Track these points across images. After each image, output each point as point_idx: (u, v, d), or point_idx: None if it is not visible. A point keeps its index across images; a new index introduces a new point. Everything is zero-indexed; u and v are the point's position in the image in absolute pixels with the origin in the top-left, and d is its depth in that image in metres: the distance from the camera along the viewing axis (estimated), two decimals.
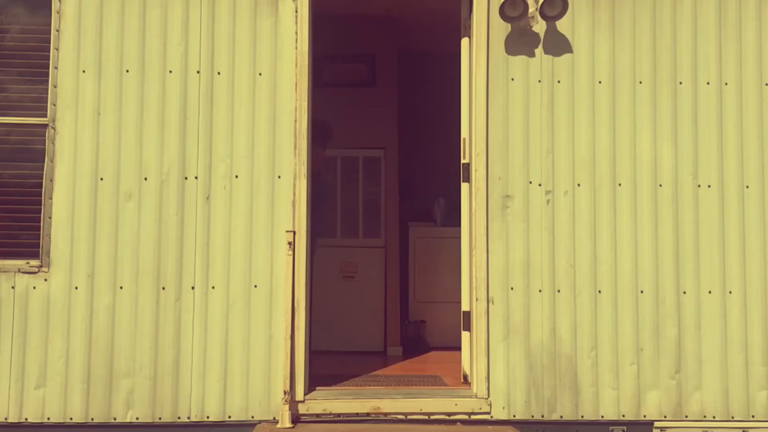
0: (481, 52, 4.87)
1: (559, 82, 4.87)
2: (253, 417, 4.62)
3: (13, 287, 4.63)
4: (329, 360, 5.87)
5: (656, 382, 4.77)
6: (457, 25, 5.15)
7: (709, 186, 4.88)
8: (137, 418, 4.60)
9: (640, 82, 4.90)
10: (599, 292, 4.80)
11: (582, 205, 4.83)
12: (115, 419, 4.60)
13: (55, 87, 4.72)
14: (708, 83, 4.93)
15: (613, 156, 4.86)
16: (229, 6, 4.80)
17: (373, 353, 6.76)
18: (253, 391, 4.63)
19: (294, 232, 4.68)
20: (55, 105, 4.71)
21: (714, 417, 4.77)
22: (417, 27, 7.07)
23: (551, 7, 4.75)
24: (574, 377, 4.74)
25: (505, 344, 4.74)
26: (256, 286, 4.68)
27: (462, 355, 5.03)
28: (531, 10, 4.77)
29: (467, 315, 4.95)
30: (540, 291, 4.78)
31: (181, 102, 4.75)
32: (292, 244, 4.65)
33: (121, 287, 4.65)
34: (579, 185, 4.83)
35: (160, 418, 4.61)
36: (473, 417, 4.70)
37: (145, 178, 4.70)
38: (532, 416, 4.71)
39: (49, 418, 4.57)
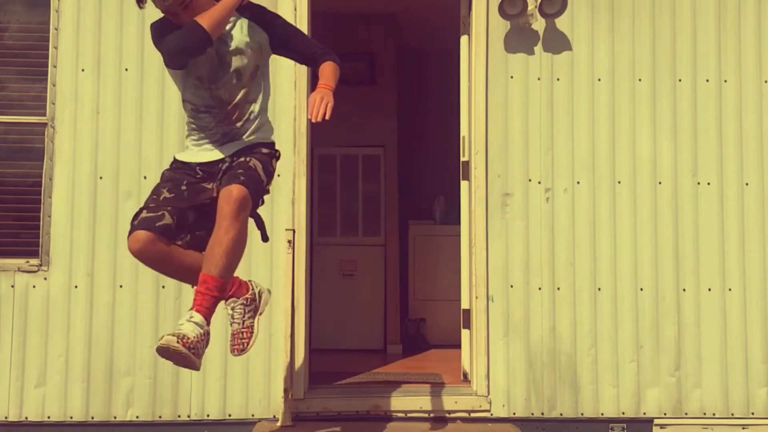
0: (480, 49, 4.86)
1: (558, 79, 4.87)
2: (253, 415, 4.62)
3: (12, 286, 4.62)
4: (329, 358, 5.88)
5: (656, 379, 4.77)
6: (456, 23, 5.14)
7: (708, 183, 4.88)
8: (137, 417, 4.60)
9: (640, 80, 4.90)
10: (599, 289, 4.79)
11: (582, 202, 4.82)
12: (115, 418, 4.60)
13: (54, 86, 4.72)
14: (707, 80, 4.92)
15: (613, 153, 4.86)
16: None
17: (373, 351, 6.76)
18: (253, 389, 4.64)
19: (293, 231, 4.67)
20: (54, 104, 4.71)
21: (714, 414, 4.77)
22: (416, 25, 7.06)
23: (550, 5, 4.74)
24: (574, 375, 4.74)
25: (504, 342, 4.74)
26: None
27: (462, 353, 5.02)
28: (530, 7, 4.76)
29: (467, 313, 4.94)
30: (540, 289, 4.78)
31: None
32: (291, 243, 4.64)
33: (120, 286, 4.65)
34: (578, 183, 4.83)
35: (160, 417, 4.61)
36: (473, 415, 4.70)
37: (145, 177, 4.69)
38: (532, 414, 4.71)
39: (49, 417, 4.57)
